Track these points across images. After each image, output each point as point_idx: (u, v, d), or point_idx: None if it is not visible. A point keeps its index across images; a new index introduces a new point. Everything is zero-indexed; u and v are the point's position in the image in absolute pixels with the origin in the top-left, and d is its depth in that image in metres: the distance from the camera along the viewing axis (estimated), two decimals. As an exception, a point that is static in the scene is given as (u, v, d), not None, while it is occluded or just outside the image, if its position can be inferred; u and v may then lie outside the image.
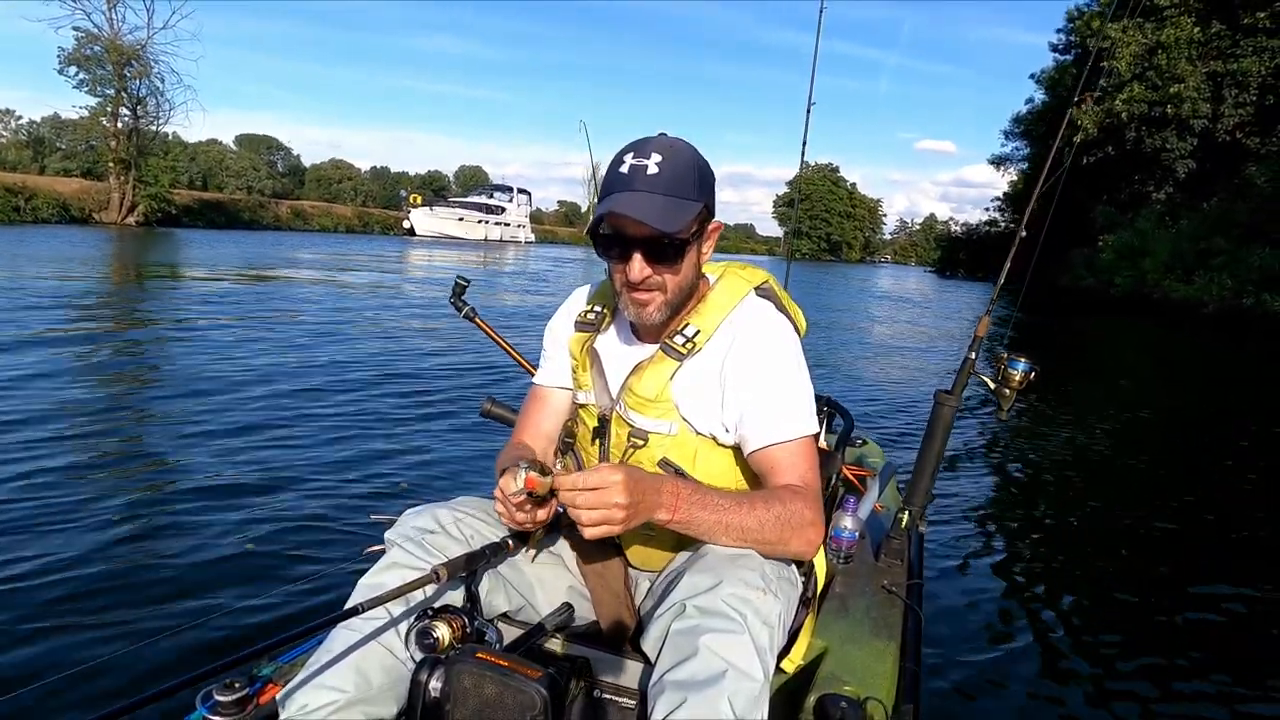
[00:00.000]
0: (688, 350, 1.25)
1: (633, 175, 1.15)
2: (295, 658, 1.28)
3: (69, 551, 2.69)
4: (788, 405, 1.21)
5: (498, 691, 1.00)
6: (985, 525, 3.84)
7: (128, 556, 2.71)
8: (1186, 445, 6.34)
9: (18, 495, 3.14)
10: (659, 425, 1.25)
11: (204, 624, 2.26)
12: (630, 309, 1.23)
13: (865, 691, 1.28)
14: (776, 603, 1.09)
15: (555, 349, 1.44)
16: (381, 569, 1.18)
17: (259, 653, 0.99)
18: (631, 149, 1.18)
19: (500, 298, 14.55)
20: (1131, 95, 25.67)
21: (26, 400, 4.59)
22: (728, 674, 0.96)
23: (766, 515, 1.13)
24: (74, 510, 3.04)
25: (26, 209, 28.10)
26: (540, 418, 1.45)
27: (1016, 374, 2.09)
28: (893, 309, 20.54)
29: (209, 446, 4.00)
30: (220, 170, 66.02)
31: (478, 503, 1.32)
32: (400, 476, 3.76)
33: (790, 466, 1.19)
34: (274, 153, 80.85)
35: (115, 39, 30.50)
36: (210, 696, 0.95)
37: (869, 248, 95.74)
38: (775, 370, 1.23)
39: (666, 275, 1.20)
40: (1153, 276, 21.83)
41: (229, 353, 6.74)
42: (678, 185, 1.16)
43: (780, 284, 1.39)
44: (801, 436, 1.21)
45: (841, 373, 8.47)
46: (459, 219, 51.53)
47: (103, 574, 2.57)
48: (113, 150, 31.67)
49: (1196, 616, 3.08)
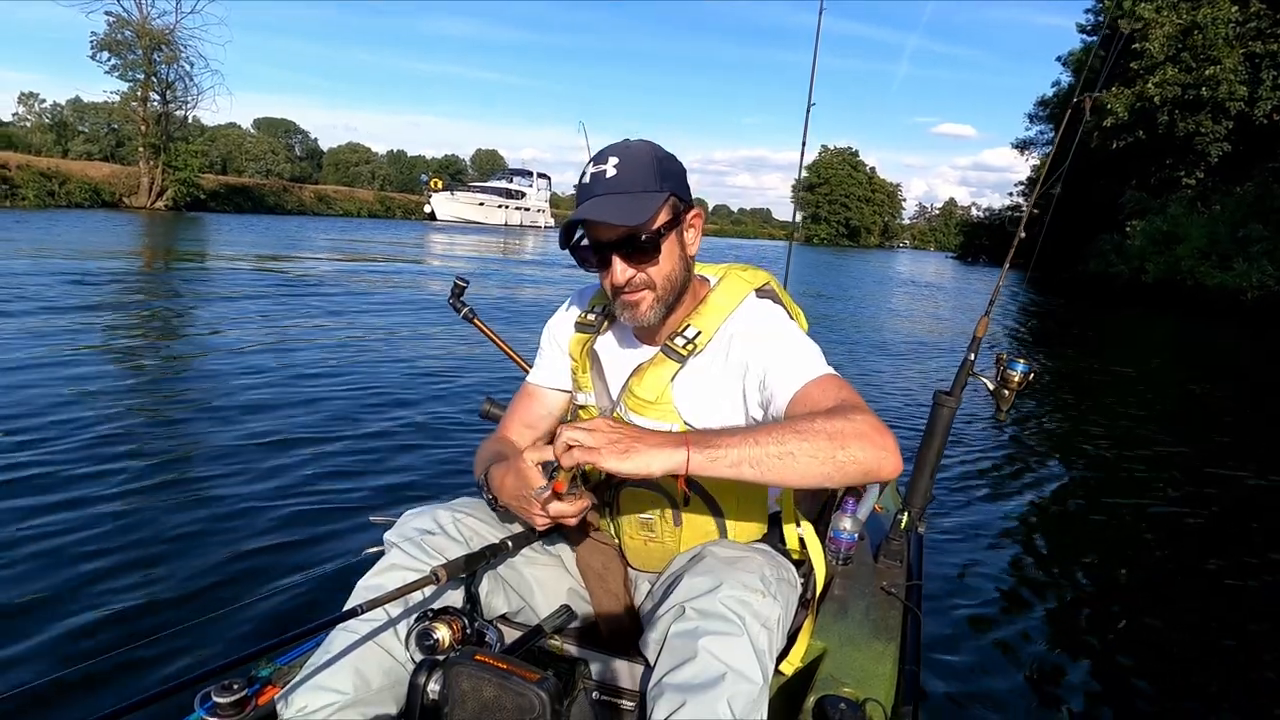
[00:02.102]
0: (689, 352, 1.24)
1: (594, 183, 1.17)
2: (294, 659, 1.29)
3: (67, 550, 2.67)
4: (805, 354, 1.19)
5: (496, 694, 1.00)
6: (985, 526, 3.81)
7: (124, 556, 2.69)
8: (1198, 442, 6.22)
9: (15, 489, 3.13)
10: (660, 427, 1.24)
11: (202, 625, 2.26)
12: (624, 313, 1.23)
13: (865, 693, 1.28)
14: (775, 605, 1.09)
15: (552, 349, 1.44)
16: (381, 570, 1.18)
17: (258, 654, 1.00)
18: (592, 160, 1.20)
19: (519, 291, 14.41)
20: (1164, 78, 24.97)
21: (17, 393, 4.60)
22: (726, 676, 0.97)
23: (809, 426, 1.00)
24: (70, 509, 3.02)
25: (60, 193, 28.63)
26: (528, 414, 1.46)
27: (1016, 375, 2.07)
28: (909, 299, 20.22)
29: (209, 445, 3.98)
30: (239, 154, 66.51)
31: (477, 504, 1.32)
32: (399, 478, 3.74)
33: (828, 393, 1.11)
34: (292, 136, 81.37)
35: (145, 23, 30.82)
36: (209, 698, 0.95)
37: (888, 233, 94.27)
38: (782, 334, 1.23)
39: (649, 271, 1.20)
40: (1187, 263, 21.33)
41: (235, 347, 6.75)
42: (637, 180, 1.17)
43: (781, 285, 1.38)
44: (827, 373, 1.16)
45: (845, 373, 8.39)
46: (479, 204, 51.59)
47: (100, 573, 2.55)
48: (143, 135, 32.09)
49: (1197, 616, 3.06)
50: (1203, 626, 2.97)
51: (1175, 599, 3.22)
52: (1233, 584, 3.37)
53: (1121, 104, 26.07)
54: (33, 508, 3.01)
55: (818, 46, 2.84)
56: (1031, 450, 5.58)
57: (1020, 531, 3.86)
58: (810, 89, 2.82)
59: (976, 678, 2.42)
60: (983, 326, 2.18)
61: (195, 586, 2.53)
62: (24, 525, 2.86)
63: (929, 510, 2.18)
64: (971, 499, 4.21)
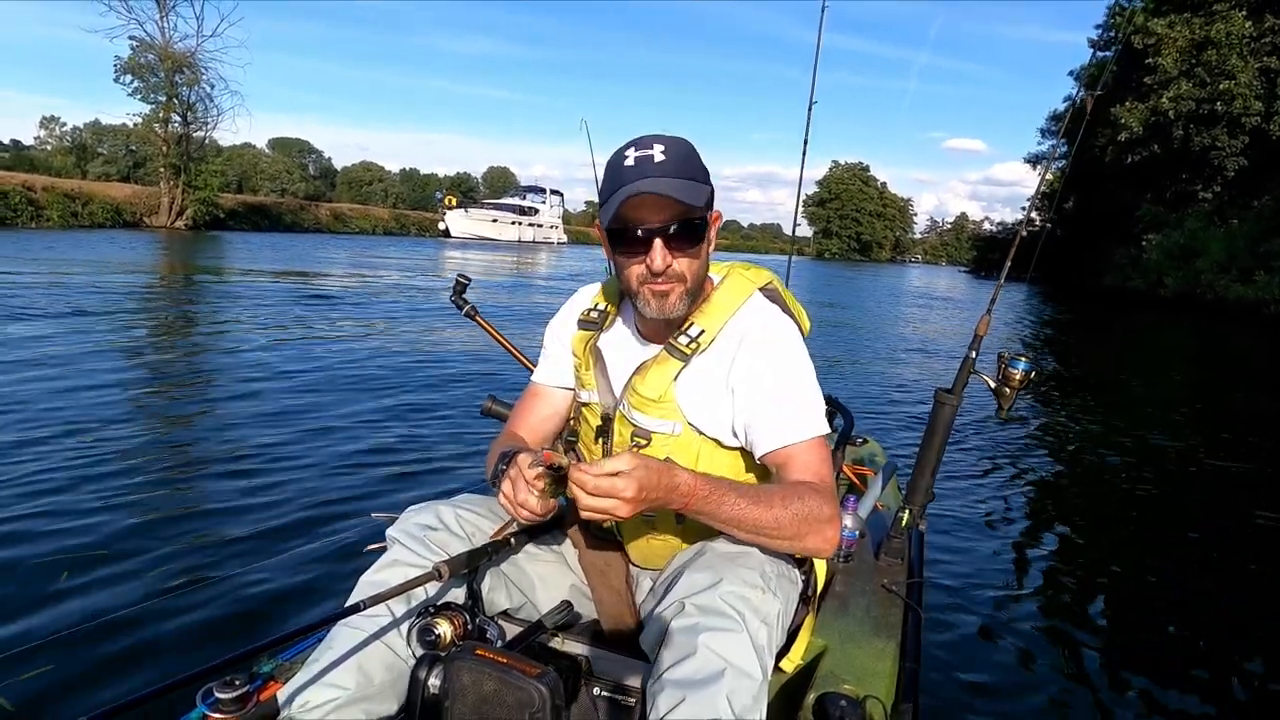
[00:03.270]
0: (692, 350, 1.24)
1: (641, 165, 1.14)
2: (296, 655, 1.29)
3: (66, 550, 2.69)
4: (798, 407, 1.21)
5: (497, 689, 1.00)
6: (986, 524, 3.82)
7: (127, 552, 2.70)
8: (1200, 442, 6.18)
9: (17, 489, 3.15)
10: (662, 425, 1.25)
11: (204, 620, 2.26)
12: (651, 303, 1.20)
13: (865, 690, 1.28)
14: (775, 601, 1.09)
15: (556, 348, 1.44)
16: (383, 566, 1.19)
17: (260, 649, 1.00)
18: (632, 144, 1.17)
19: (534, 300, 14.59)
20: (1179, 92, 24.89)
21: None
22: (726, 672, 0.97)
23: (784, 512, 1.11)
24: (73, 506, 3.03)
25: (84, 214, 29.17)
26: (534, 414, 1.46)
27: (1017, 373, 2.08)
28: (922, 310, 20.15)
29: (209, 444, 4.02)
30: (255, 173, 67.33)
31: (480, 500, 1.33)
32: (401, 473, 3.77)
33: (804, 465, 1.18)
34: (306, 155, 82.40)
35: (167, 47, 31.44)
36: (211, 693, 0.94)
37: (899, 247, 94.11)
38: (783, 373, 1.22)
39: (686, 261, 1.19)
40: (1207, 277, 21.14)
41: (246, 351, 6.85)
42: (687, 168, 1.16)
43: (783, 283, 1.39)
44: (813, 436, 1.20)
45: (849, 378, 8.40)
46: (493, 220, 52.00)
47: (102, 571, 2.56)
48: (164, 156, 32.66)
49: (1198, 615, 3.05)
50: (1204, 626, 2.96)
51: (1176, 598, 3.22)
52: (1234, 584, 3.36)
53: (1135, 118, 25.98)
54: (31, 511, 3.00)
55: (820, 45, 2.86)
56: (1033, 448, 5.57)
57: (1021, 529, 3.86)
58: (812, 88, 2.84)
59: (977, 675, 2.42)
60: (984, 325, 2.18)
61: (196, 582, 2.52)
62: (22, 525, 2.87)
63: (930, 508, 2.18)
64: (973, 497, 4.22)
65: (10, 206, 26.07)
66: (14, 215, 26.10)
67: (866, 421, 5.78)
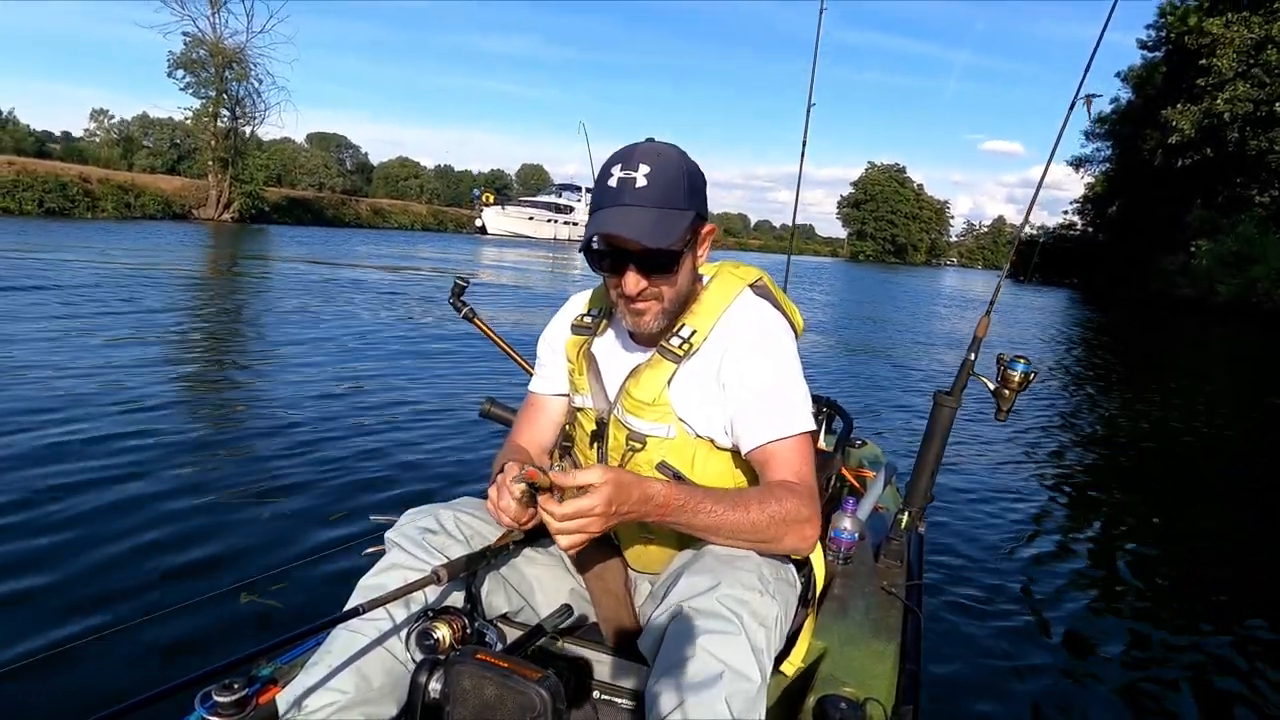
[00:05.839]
0: (684, 352, 1.24)
1: (621, 189, 1.14)
2: (295, 658, 1.29)
3: (67, 549, 2.67)
4: (783, 402, 1.21)
5: (498, 693, 1.00)
6: (985, 526, 3.80)
7: (124, 556, 2.68)
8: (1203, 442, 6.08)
9: (18, 488, 3.14)
10: (656, 428, 1.25)
11: (202, 624, 2.25)
12: (628, 319, 1.24)
13: (865, 693, 1.28)
14: (774, 604, 1.09)
15: (550, 355, 1.45)
16: (382, 569, 1.19)
17: (258, 653, 1.00)
18: (619, 159, 1.16)
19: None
20: (1235, 94, 24.02)
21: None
22: (725, 675, 0.97)
23: (760, 515, 1.13)
24: (72, 507, 3.00)
25: (136, 205, 30.10)
26: (536, 424, 1.46)
27: (1016, 375, 2.05)
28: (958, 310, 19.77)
29: (209, 444, 4.02)
30: (294, 168, 68.38)
31: (479, 503, 1.33)
32: (400, 476, 3.75)
33: (785, 463, 1.19)
34: (343, 151, 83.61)
35: (219, 42, 32.24)
36: (209, 697, 0.94)
37: (934, 250, 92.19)
38: (768, 369, 1.22)
39: (662, 286, 1.20)
40: (1264, 285, 20.37)
41: (254, 350, 6.92)
42: (668, 196, 1.14)
43: (775, 282, 1.37)
44: (797, 433, 1.20)
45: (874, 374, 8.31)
46: (529, 218, 52.33)
47: (100, 573, 2.54)
48: (212, 149, 33.53)
49: (1199, 616, 3.03)
50: (1205, 626, 2.95)
51: (1177, 598, 3.21)
52: (1235, 584, 3.34)
53: (1188, 121, 25.17)
54: (33, 502, 3.01)
55: (818, 46, 2.87)
56: (1033, 450, 5.53)
57: (1020, 531, 3.85)
58: (810, 89, 2.87)
59: (977, 677, 2.42)
60: (983, 327, 2.16)
61: (195, 585, 2.51)
62: (23, 521, 2.86)
63: (929, 510, 2.17)
64: (972, 499, 4.19)
65: (68, 198, 26.89)
66: (71, 206, 26.92)
67: (880, 423, 5.77)
